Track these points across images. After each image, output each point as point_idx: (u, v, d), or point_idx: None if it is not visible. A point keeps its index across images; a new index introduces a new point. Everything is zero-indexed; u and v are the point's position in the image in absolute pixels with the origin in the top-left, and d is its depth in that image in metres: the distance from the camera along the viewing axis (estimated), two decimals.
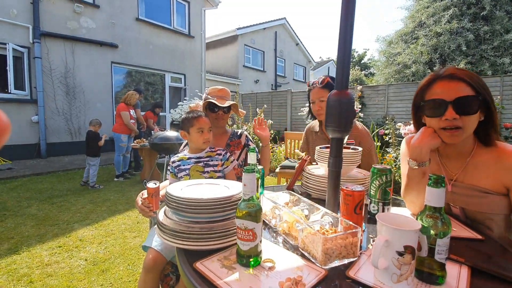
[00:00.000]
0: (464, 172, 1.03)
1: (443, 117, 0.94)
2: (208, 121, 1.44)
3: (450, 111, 0.92)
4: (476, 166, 1.01)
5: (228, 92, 1.68)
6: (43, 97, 6.47)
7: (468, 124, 0.94)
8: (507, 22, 8.73)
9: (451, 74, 0.96)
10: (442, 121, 0.95)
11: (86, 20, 7.22)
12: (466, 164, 1.03)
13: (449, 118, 0.92)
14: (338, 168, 0.95)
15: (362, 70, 22.21)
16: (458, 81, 0.94)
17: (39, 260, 2.23)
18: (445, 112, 0.93)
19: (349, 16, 0.89)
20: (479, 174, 1.00)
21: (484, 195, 0.97)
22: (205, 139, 1.41)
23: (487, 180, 0.97)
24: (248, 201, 0.69)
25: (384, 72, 11.51)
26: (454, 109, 0.92)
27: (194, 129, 1.41)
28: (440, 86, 0.97)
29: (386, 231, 0.62)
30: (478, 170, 1.00)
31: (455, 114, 0.92)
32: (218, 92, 1.63)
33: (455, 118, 0.92)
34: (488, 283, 0.65)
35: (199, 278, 0.65)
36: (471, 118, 0.93)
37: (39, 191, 4.12)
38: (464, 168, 1.03)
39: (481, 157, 1.01)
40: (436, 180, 0.62)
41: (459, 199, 1.02)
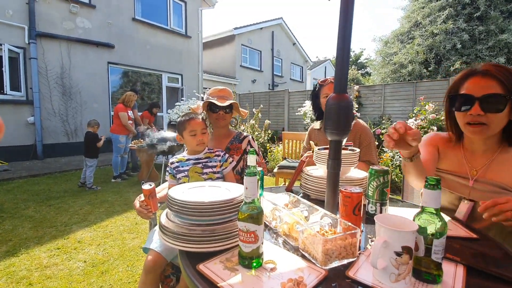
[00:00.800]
0: (486, 168, 1.05)
1: (469, 112, 0.96)
2: (201, 123, 1.43)
3: (475, 107, 0.94)
4: (501, 163, 1.03)
5: (229, 92, 1.67)
6: (39, 98, 6.43)
7: (493, 121, 0.95)
8: (501, 22, 8.84)
9: (485, 71, 0.97)
10: (467, 116, 0.98)
11: (82, 20, 7.18)
12: (490, 161, 1.04)
13: (473, 113, 0.95)
14: (337, 169, 0.97)
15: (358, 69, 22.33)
16: (490, 78, 0.95)
17: (38, 262, 2.23)
18: (471, 108, 0.95)
19: (348, 18, 0.91)
20: (503, 171, 1.01)
21: (505, 191, 0.98)
22: (198, 141, 1.41)
23: (510, 178, 0.99)
24: (249, 204, 0.70)
25: (380, 71, 11.59)
26: (480, 105, 0.94)
27: (186, 132, 1.42)
28: (472, 82, 0.99)
29: (385, 232, 0.64)
30: (502, 167, 1.02)
31: (480, 110, 0.94)
32: (219, 92, 1.62)
33: (479, 114, 0.94)
34: (483, 281, 0.67)
35: (202, 280, 0.66)
36: (497, 116, 0.95)
37: (36, 192, 4.10)
38: (488, 164, 1.05)
39: (506, 155, 1.03)
40: (433, 182, 0.63)
41: (478, 194, 1.03)
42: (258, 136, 6.17)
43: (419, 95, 6.47)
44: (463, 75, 1.04)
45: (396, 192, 3.98)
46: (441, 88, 6.62)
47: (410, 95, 6.98)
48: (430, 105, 4.67)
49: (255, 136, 6.12)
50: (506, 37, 8.56)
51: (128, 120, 4.77)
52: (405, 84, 7.23)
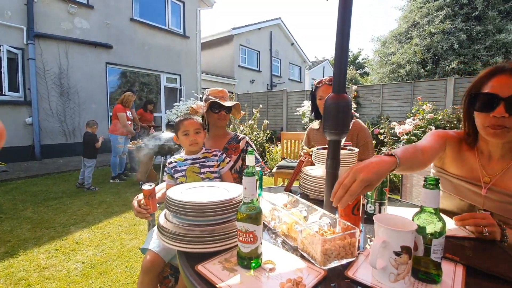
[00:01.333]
0: (502, 176, 0.96)
1: (492, 113, 0.87)
2: (194, 123, 1.44)
3: (500, 108, 0.85)
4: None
5: (227, 93, 1.69)
6: (37, 99, 6.40)
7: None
8: (499, 22, 8.88)
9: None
10: (489, 118, 0.88)
11: (80, 20, 7.17)
12: (507, 168, 0.96)
13: (497, 115, 0.86)
14: (335, 169, 0.96)
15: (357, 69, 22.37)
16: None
17: (36, 263, 2.22)
18: (496, 109, 0.86)
19: (346, 19, 0.91)
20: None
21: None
22: (191, 141, 1.42)
23: None
24: (248, 204, 0.70)
25: (378, 71, 11.62)
26: (505, 106, 0.85)
27: (180, 132, 1.44)
28: (499, 80, 0.89)
29: (384, 232, 0.63)
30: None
31: (505, 112, 0.85)
32: (219, 93, 1.63)
33: (503, 117, 0.85)
34: (482, 281, 0.67)
35: (201, 280, 0.66)
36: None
37: (34, 193, 4.09)
38: (504, 172, 0.96)
39: None
40: (432, 182, 0.63)
41: (491, 204, 0.97)
42: (256, 136, 6.17)
43: (417, 95, 6.49)
44: (489, 72, 0.93)
45: (394, 191, 3.98)
46: (438, 88, 6.64)
47: (408, 95, 7.01)
48: (427, 104, 4.69)
49: (254, 136, 6.12)
50: (504, 37, 8.60)
51: (127, 121, 4.76)
52: (403, 84, 7.25)
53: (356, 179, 0.70)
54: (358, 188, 0.70)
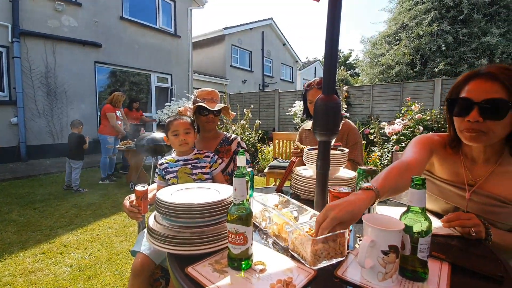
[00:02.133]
0: (487, 180, 0.97)
1: (466, 118, 0.88)
2: (183, 123, 1.43)
3: (474, 113, 0.86)
4: (502, 175, 0.95)
5: (217, 94, 1.67)
6: (22, 98, 6.23)
7: (493, 129, 0.86)
8: (484, 25, 9.12)
9: (489, 73, 0.87)
10: (464, 122, 0.89)
11: (68, 18, 7.01)
12: (491, 172, 0.97)
13: (472, 119, 0.86)
14: (326, 170, 0.97)
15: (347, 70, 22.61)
16: (494, 81, 0.85)
17: (22, 268, 2.16)
18: (470, 113, 0.86)
19: (335, 20, 0.92)
20: (503, 184, 0.94)
21: (503, 205, 0.93)
22: (180, 142, 1.41)
23: (510, 191, 0.93)
24: (238, 206, 0.70)
25: (368, 72, 11.78)
26: (479, 111, 0.85)
27: (170, 132, 1.43)
28: (474, 85, 0.89)
29: (372, 232, 0.65)
30: (503, 180, 0.95)
31: (479, 116, 0.85)
32: (208, 95, 1.61)
33: (477, 121, 0.86)
34: (467, 279, 0.69)
35: (191, 283, 0.65)
36: (498, 124, 0.85)
37: (20, 195, 3.97)
38: (488, 175, 0.97)
39: (508, 167, 0.95)
40: (418, 182, 0.65)
41: (474, 206, 0.98)
42: (248, 136, 6.17)
43: (405, 96, 6.61)
44: (466, 77, 0.94)
45: None
46: (426, 88, 6.79)
47: (397, 95, 7.13)
48: (416, 105, 4.78)
49: (246, 136, 6.12)
50: (488, 39, 8.84)
51: (116, 121, 4.68)
52: (392, 84, 7.37)
53: (328, 216, 0.70)
54: (329, 225, 0.69)
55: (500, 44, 8.84)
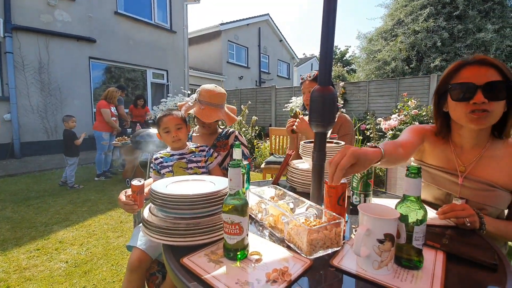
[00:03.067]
0: (476, 165, 1.02)
1: (472, 101, 0.92)
2: (174, 119, 1.39)
3: (479, 95, 0.90)
4: (490, 160, 1.01)
5: (222, 99, 1.52)
6: (15, 94, 6.14)
7: (496, 109, 0.93)
8: (479, 21, 9.16)
9: (481, 60, 0.95)
10: (470, 105, 0.93)
11: (61, 13, 6.90)
12: (480, 156, 1.02)
13: (478, 102, 0.91)
14: (321, 161, 0.97)
15: (344, 66, 22.63)
16: (488, 66, 0.93)
17: (16, 264, 2.14)
18: (474, 96, 0.91)
19: (331, 12, 0.91)
20: (492, 168, 1.00)
21: (492, 189, 0.98)
22: (173, 138, 1.39)
23: (499, 175, 0.98)
24: (234, 196, 0.70)
25: (365, 68, 11.80)
26: (483, 93, 0.90)
27: (161, 129, 1.41)
28: (469, 71, 0.95)
29: (367, 221, 0.64)
30: (491, 164, 1.00)
31: (484, 98, 0.90)
32: (211, 99, 1.47)
33: (483, 103, 0.91)
34: (462, 266, 0.69)
35: (186, 273, 0.65)
36: (499, 104, 0.92)
37: (14, 192, 3.93)
38: (477, 160, 1.02)
39: (495, 151, 1.01)
40: (414, 171, 0.65)
41: (467, 191, 1.02)
42: (245, 132, 6.16)
43: (402, 91, 6.64)
44: (454, 67, 1.00)
45: (379, 185, 4.07)
46: (422, 84, 6.82)
47: (393, 91, 7.16)
48: (412, 101, 4.80)
49: (243, 132, 6.11)
50: (483, 35, 8.89)
51: (111, 117, 4.64)
52: (388, 80, 7.40)
53: (346, 154, 0.74)
54: (347, 163, 0.73)
55: (494, 40, 8.90)
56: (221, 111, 1.52)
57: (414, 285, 0.60)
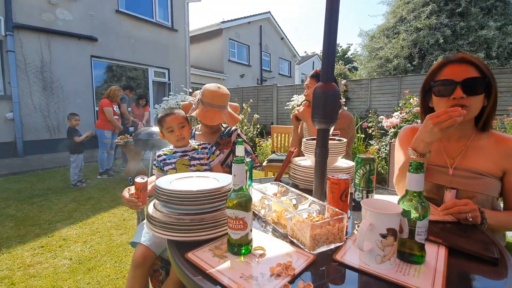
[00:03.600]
0: (463, 156, 1.08)
1: (452, 96, 0.99)
2: (177, 118, 1.40)
3: (458, 90, 0.98)
4: (476, 150, 1.07)
5: (225, 99, 1.51)
6: (18, 93, 6.17)
7: (474, 104, 0.99)
8: (481, 19, 9.11)
9: (461, 58, 1.03)
10: (450, 101, 1.00)
11: (62, 11, 6.91)
12: (465, 147, 1.08)
13: (457, 97, 0.98)
14: (324, 158, 0.98)
15: (345, 64, 22.56)
16: (467, 64, 1.00)
17: (20, 261, 2.16)
18: (454, 92, 0.99)
19: (334, 9, 0.91)
20: (478, 157, 1.06)
21: (481, 177, 1.03)
22: (177, 137, 1.39)
23: (485, 164, 1.04)
24: (238, 191, 0.70)
25: (367, 66, 11.76)
26: (462, 89, 0.97)
27: (164, 129, 1.41)
28: (450, 69, 1.03)
29: (370, 216, 0.65)
30: (477, 154, 1.06)
31: (463, 93, 0.97)
32: (214, 100, 1.47)
33: (462, 97, 0.98)
34: (464, 261, 0.70)
35: (191, 268, 0.66)
36: (477, 99, 0.99)
37: (18, 191, 3.96)
38: (464, 151, 1.09)
39: (479, 142, 1.08)
40: (416, 166, 0.65)
41: (457, 181, 1.07)
42: (247, 130, 6.16)
43: (404, 89, 6.61)
44: (438, 66, 1.08)
45: (382, 183, 4.08)
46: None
47: (395, 89, 7.13)
48: (415, 98, 4.78)
49: (244, 130, 6.11)
50: (485, 33, 8.84)
51: (114, 116, 4.66)
52: (390, 78, 7.37)
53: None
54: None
55: (496, 37, 8.85)
56: (224, 112, 1.52)
57: (416, 280, 0.61)
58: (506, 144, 1.03)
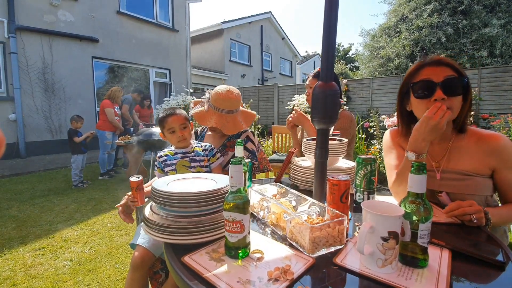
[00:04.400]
0: (448, 158, 1.07)
1: (433, 97, 0.97)
2: (179, 118, 1.38)
3: (438, 91, 0.96)
4: (458, 151, 1.06)
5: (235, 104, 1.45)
6: (20, 94, 6.20)
7: (455, 105, 0.97)
8: (484, 16, 9.02)
9: (437, 60, 1.01)
10: (431, 102, 0.98)
11: (64, 13, 6.93)
12: (448, 149, 1.07)
13: (438, 98, 0.96)
14: (324, 158, 0.96)
15: (347, 64, 22.48)
16: (444, 66, 0.99)
17: (22, 262, 2.16)
18: (434, 93, 0.97)
19: (333, 8, 0.89)
20: (462, 158, 1.04)
21: (469, 177, 1.01)
22: (178, 138, 1.37)
23: (470, 164, 1.02)
24: (235, 193, 0.69)
25: (368, 65, 11.70)
26: (442, 90, 0.95)
27: (166, 130, 1.39)
28: (428, 71, 1.01)
29: (371, 218, 0.63)
30: (460, 154, 1.05)
31: (443, 94, 0.95)
32: (223, 105, 1.42)
33: (443, 99, 0.95)
34: (468, 265, 0.68)
35: (188, 272, 0.65)
36: (457, 99, 0.97)
37: (19, 191, 3.97)
38: (447, 154, 1.07)
39: (460, 142, 1.06)
40: (418, 167, 0.63)
41: (446, 184, 1.05)
42: None
43: None
44: (414, 69, 1.06)
45: (384, 183, 4.04)
46: None
47: (397, 88, 7.06)
48: None
49: None
50: (489, 31, 8.74)
51: (115, 116, 4.66)
52: (392, 77, 7.33)
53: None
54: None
55: (500, 35, 8.75)
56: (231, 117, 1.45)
57: (419, 284, 0.59)
58: (487, 142, 1.01)
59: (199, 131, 1.78)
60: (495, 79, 6.03)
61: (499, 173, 1.01)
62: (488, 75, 6.11)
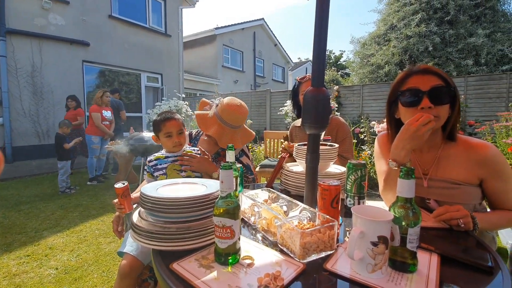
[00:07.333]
0: (436, 166, 1.07)
1: (419, 106, 0.98)
2: (177, 124, 1.37)
3: (425, 100, 0.97)
4: (447, 159, 1.05)
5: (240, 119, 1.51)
6: (8, 98, 6.05)
7: (442, 113, 0.98)
8: (470, 26, 9.32)
9: (424, 69, 1.03)
10: (418, 111, 0.98)
11: (55, 16, 6.84)
12: (437, 158, 1.07)
13: (425, 107, 0.96)
14: (315, 163, 0.96)
15: (338, 70, 22.81)
16: (431, 74, 1.00)
17: (6, 270, 2.08)
18: (421, 102, 0.97)
19: (323, 14, 0.91)
20: (451, 167, 1.04)
21: (457, 186, 1.01)
22: (174, 143, 1.36)
23: (458, 172, 1.02)
24: (225, 199, 0.68)
25: (359, 72, 11.90)
26: (429, 98, 0.96)
27: (162, 134, 1.38)
28: (415, 79, 1.02)
29: (361, 223, 0.63)
30: (449, 163, 1.05)
31: (430, 103, 0.96)
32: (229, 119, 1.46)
33: (430, 107, 0.96)
34: (457, 269, 0.68)
35: (176, 279, 0.63)
36: (444, 108, 0.98)
37: (5, 197, 3.85)
38: (436, 162, 1.07)
39: (449, 151, 1.06)
40: (407, 172, 0.64)
41: (434, 192, 1.05)
42: None
43: None
44: (403, 76, 1.06)
45: (374, 188, 4.08)
46: None
47: (386, 95, 7.18)
48: None
49: None
50: (474, 40, 9.03)
51: (103, 121, 4.59)
52: (382, 84, 7.46)
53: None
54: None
55: (485, 45, 9.04)
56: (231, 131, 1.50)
57: None
58: (476, 151, 1.00)
59: (193, 134, 1.77)
60: (480, 87, 6.21)
61: (487, 182, 1.01)
62: (474, 83, 6.28)
